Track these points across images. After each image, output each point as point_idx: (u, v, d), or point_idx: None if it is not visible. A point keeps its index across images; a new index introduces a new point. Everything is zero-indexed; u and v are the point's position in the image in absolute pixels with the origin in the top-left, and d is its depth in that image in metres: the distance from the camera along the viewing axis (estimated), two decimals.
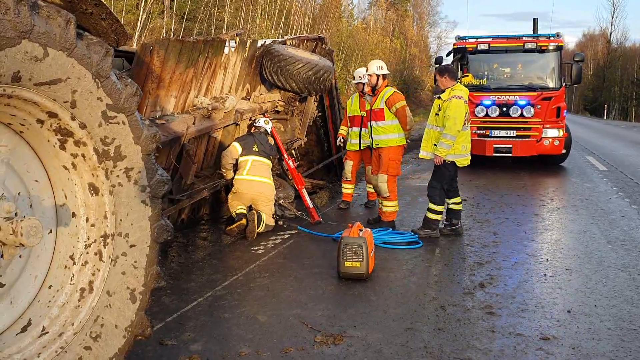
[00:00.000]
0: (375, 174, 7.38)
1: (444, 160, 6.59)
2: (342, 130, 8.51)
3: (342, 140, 8.48)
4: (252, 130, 7.29)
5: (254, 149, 6.82)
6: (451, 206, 6.88)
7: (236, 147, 6.80)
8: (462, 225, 6.94)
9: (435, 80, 13.50)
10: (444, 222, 7.02)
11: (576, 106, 68.50)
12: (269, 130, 7.22)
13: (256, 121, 7.28)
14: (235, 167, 6.87)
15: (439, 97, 6.75)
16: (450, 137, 6.45)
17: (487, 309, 4.54)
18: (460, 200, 6.97)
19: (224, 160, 6.83)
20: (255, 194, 6.73)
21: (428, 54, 69.73)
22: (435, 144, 6.70)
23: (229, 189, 6.95)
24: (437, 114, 6.71)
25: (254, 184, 6.72)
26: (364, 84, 7.78)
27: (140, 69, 5.39)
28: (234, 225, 6.54)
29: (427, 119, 7.09)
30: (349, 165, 8.23)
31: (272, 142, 7.23)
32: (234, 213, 6.76)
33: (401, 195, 9.18)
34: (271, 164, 7.04)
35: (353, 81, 8.20)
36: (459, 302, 4.71)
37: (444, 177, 6.74)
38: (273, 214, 6.92)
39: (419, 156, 7.12)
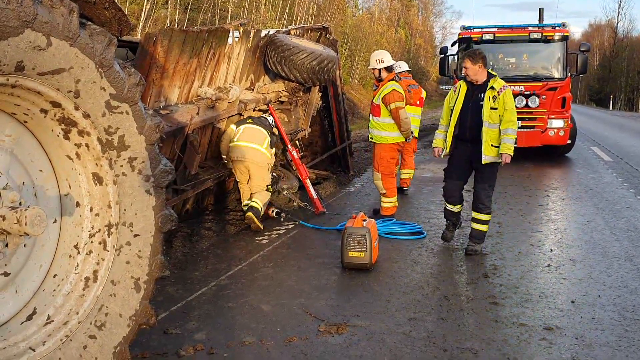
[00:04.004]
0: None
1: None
2: None
3: None
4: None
5: (247, 121, 6.76)
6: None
7: (232, 127, 6.76)
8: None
9: (441, 69, 13.49)
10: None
11: (582, 97, 68.09)
12: (270, 122, 7.15)
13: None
14: None
15: (492, 88, 5.54)
16: (513, 130, 5.52)
17: (491, 299, 4.55)
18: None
19: (222, 144, 6.80)
20: (248, 162, 6.56)
21: (433, 44, 69.41)
22: (493, 145, 5.58)
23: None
24: (493, 109, 5.50)
25: (243, 150, 6.55)
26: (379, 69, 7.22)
27: (144, 59, 5.38)
28: (246, 220, 6.54)
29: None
30: None
31: (276, 132, 7.19)
32: (243, 203, 6.79)
33: None
34: (267, 135, 6.69)
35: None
36: (463, 292, 4.72)
37: (496, 178, 5.90)
38: (272, 210, 6.87)
39: (483, 162, 5.67)
